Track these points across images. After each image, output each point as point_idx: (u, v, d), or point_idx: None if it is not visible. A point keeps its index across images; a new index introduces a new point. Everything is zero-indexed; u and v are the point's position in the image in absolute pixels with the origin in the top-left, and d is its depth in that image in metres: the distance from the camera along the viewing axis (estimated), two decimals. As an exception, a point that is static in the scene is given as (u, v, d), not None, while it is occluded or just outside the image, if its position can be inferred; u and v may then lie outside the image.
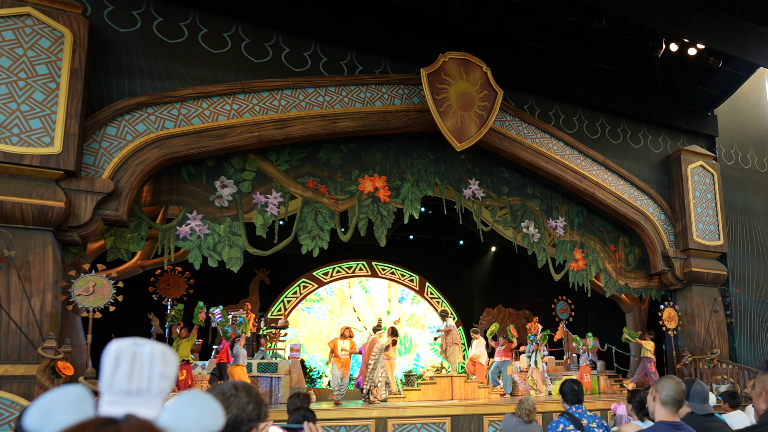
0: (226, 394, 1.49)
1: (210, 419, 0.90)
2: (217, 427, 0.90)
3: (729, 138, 13.45)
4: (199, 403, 0.90)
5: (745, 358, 12.08)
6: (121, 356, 0.88)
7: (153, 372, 0.88)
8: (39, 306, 6.88)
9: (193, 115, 8.15)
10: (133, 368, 0.87)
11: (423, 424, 8.31)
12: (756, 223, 13.23)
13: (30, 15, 7.04)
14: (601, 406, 9.29)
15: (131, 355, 0.88)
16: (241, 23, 8.82)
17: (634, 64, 11.83)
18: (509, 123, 10.60)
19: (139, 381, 0.87)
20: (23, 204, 6.79)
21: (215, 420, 0.90)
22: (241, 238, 8.74)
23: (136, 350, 0.88)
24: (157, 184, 8.53)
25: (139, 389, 0.87)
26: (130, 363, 0.87)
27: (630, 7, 9.31)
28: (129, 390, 0.86)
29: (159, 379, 0.88)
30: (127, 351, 0.88)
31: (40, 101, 6.96)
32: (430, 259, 15.54)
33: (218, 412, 0.91)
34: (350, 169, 9.73)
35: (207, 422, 0.89)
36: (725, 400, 5.13)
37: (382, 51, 9.75)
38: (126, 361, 0.87)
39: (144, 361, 0.88)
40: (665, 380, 2.58)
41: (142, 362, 0.88)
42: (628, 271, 12.24)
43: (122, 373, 0.87)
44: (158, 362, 0.89)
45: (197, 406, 0.89)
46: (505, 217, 11.03)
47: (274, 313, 13.30)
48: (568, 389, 3.65)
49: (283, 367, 9.49)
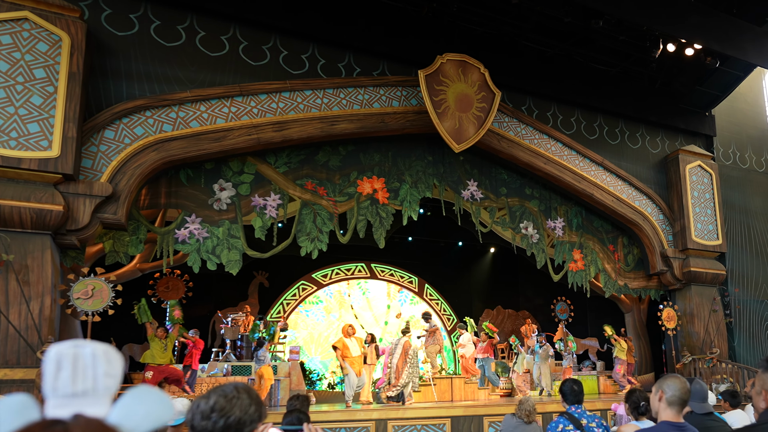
0: (229, 396, 1.49)
1: (160, 412, 0.90)
2: (168, 419, 0.91)
3: (727, 138, 13.47)
4: (149, 397, 0.90)
5: (744, 358, 12.08)
6: (62, 359, 0.88)
7: (97, 371, 0.89)
8: (38, 310, 6.87)
9: (191, 118, 8.15)
10: (76, 370, 0.88)
11: (423, 425, 8.30)
12: (754, 223, 13.25)
13: (28, 19, 7.04)
14: (601, 406, 9.29)
15: (72, 357, 0.88)
16: (239, 26, 8.82)
17: (632, 65, 11.85)
18: (507, 124, 10.61)
19: (84, 382, 0.88)
20: (21, 208, 6.78)
21: (165, 412, 0.91)
22: (240, 241, 8.73)
23: (77, 352, 0.89)
24: (155, 188, 8.52)
25: (85, 390, 0.87)
26: (72, 365, 0.88)
27: (627, 8, 9.32)
28: (74, 391, 0.87)
29: (104, 378, 0.89)
30: (67, 353, 0.89)
31: (38, 105, 6.96)
32: (429, 261, 15.53)
33: (168, 405, 0.92)
34: (349, 170, 9.73)
35: (157, 415, 0.90)
36: (725, 399, 5.14)
37: (380, 53, 9.76)
38: (68, 363, 0.88)
39: (87, 362, 0.89)
40: (671, 380, 2.55)
41: (85, 363, 0.89)
42: (627, 272, 12.25)
43: (65, 375, 0.87)
44: (101, 361, 0.90)
45: (146, 400, 0.90)
46: (503, 218, 11.03)
47: (273, 316, 13.29)
48: (569, 389, 3.65)
49: (283, 369, 9.49)
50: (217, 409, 1.46)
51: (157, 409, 0.90)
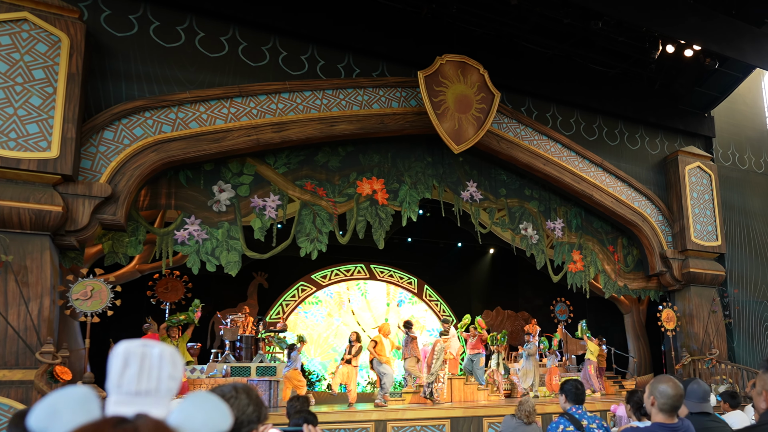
0: (226, 396, 1.49)
1: (219, 420, 0.91)
2: (226, 428, 0.91)
3: (726, 139, 13.49)
4: (208, 404, 0.91)
5: (743, 359, 12.08)
6: (130, 357, 0.89)
7: (162, 373, 0.90)
8: (37, 311, 6.86)
9: (191, 119, 8.15)
10: (143, 369, 0.89)
11: (422, 426, 8.29)
12: (753, 224, 13.26)
13: (27, 20, 7.03)
14: (601, 407, 9.29)
15: (140, 356, 0.89)
16: (238, 27, 8.82)
17: (631, 66, 11.86)
18: (507, 125, 10.61)
19: (149, 381, 0.89)
20: (20, 209, 6.77)
21: (223, 421, 0.92)
22: (239, 242, 8.72)
23: (145, 351, 0.90)
24: (155, 189, 8.51)
25: (149, 390, 0.88)
26: (140, 364, 0.89)
27: (626, 9, 9.33)
28: (138, 390, 0.88)
29: (168, 380, 0.90)
30: (136, 352, 0.90)
31: (37, 106, 6.95)
32: (429, 262, 15.52)
33: (226, 413, 0.93)
34: (348, 171, 9.73)
35: (215, 423, 0.90)
36: (725, 400, 5.14)
37: (380, 54, 9.76)
38: (135, 361, 0.89)
39: (153, 362, 0.90)
40: (663, 385, 2.53)
41: (152, 363, 0.90)
42: (626, 272, 12.25)
43: (131, 373, 0.88)
44: (167, 363, 0.91)
45: (206, 407, 0.91)
46: (503, 219, 11.03)
47: (272, 317, 13.27)
48: (571, 389, 3.63)
49: (282, 370, 9.46)
50: None
51: (215, 417, 0.91)
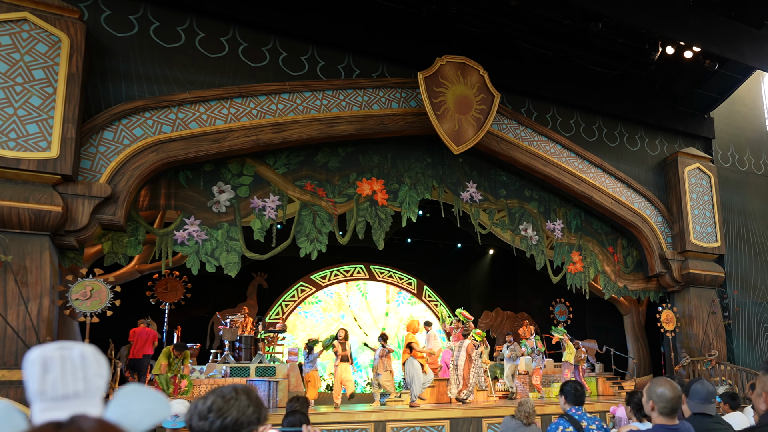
0: (227, 397, 1.49)
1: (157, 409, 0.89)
2: (166, 415, 0.90)
3: (725, 140, 13.50)
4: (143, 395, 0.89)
5: (743, 360, 12.09)
6: (48, 361, 0.86)
7: (88, 372, 0.87)
8: (36, 311, 6.85)
9: (191, 119, 8.15)
10: (65, 371, 0.86)
11: (422, 427, 8.29)
12: (753, 225, 13.27)
13: (27, 20, 7.03)
14: (600, 408, 9.29)
15: (60, 359, 0.86)
16: (239, 27, 8.82)
17: (631, 67, 11.87)
18: (506, 126, 10.62)
19: (74, 383, 0.86)
20: (20, 209, 6.77)
21: (162, 409, 0.90)
22: (239, 243, 8.72)
23: (64, 354, 0.87)
24: (154, 189, 8.51)
25: (77, 391, 0.85)
26: (61, 366, 0.86)
27: (626, 11, 9.34)
28: (65, 394, 0.85)
29: (95, 378, 0.88)
30: (54, 355, 0.87)
31: (37, 106, 6.95)
32: (428, 262, 15.53)
33: (163, 401, 0.91)
34: (348, 172, 9.73)
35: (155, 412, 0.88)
36: (725, 401, 5.13)
37: (380, 55, 9.76)
38: (56, 365, 0.86)
39: (76, 363, 0.87)
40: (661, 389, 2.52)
41: (74, 364, 0.87)
42: (626, 273, 12.25)
43: (53, 377, 0.85)
44: (91, 362, 0.88)
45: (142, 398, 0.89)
46: (503, 220, 11.03)
47: (272, 317, 13.27)
48: (571, 390, 3.63)
49: (281, 370, 9.47)
50: (214, 410, 1.47)
51: (154, 406, 0.89)
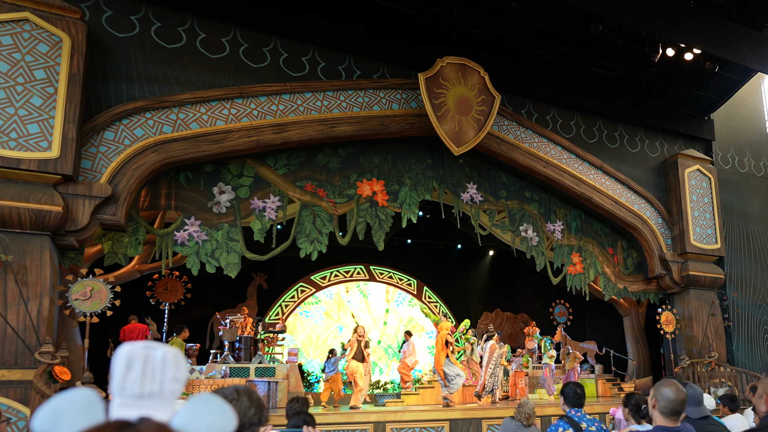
0: (228, 398, 1.49)
1: (223, 422, 0.90)
2: (230, 430, 0.90)
3: (726, 142, 13.50)
4: (212, 406, 0.90)
5: (742, 362, 12.09)
6: (133, 359, 0.88)
7: (165, 375, 0.89)
8: (36, 311, 6.85)
9: (191, 120, 8.15)
10: (146, 371, 0.88)
11: (421, 428, 8.29)
12: (753, 227, 13.27)
13: (28, 20, 7.04)
14: (600, 410, 9.29)
15: (143, 358, 0.88)
16: (240, 28, 8.83)
17: (631, 69, 11.88)
18: (507, 127, 10.63)
19: (152, 384, 0.87)
20: (20, 208, 6.77)
21: (228, 422, 0.90)
22: (239, 244, 8.72)
23: (148, 353, 0.89)
24: (155, 189, 8.52)
25: (152, 392, 0.87)
26: (143, 366, 0.88)
27: (626, 12, 9.35)
28: (141, 393, 0.87)
29: (171, 383, 0.89)
30: (139, 354, 0.88)
31: (38, 106, 6.96)
32: (428, 263, 15.53)
33: (231, 415, 0.91)
34: (348, 172, 9.73)
35: (220, 425, 0.89)
36: (724, 403, 5.14)
37: (380, 56, 9.77)
38: (138, 364, 0.88)
39: (156, 365, 0.89)
40: (666, 389, 2.53)
41: (155, 365, 0.88)
42: (626, 275, 12.26)
43: (134, 376, 0.87)
44: (171, 365, 0.89)
45: (210, 409, 0.89)
46: (503, 221, 11.04)
47: (271, 318, 13.27)
48: (571, 392, 3.64)
49: (281, 371, 9.46)
50: None
51: (220, 419, 0.90)
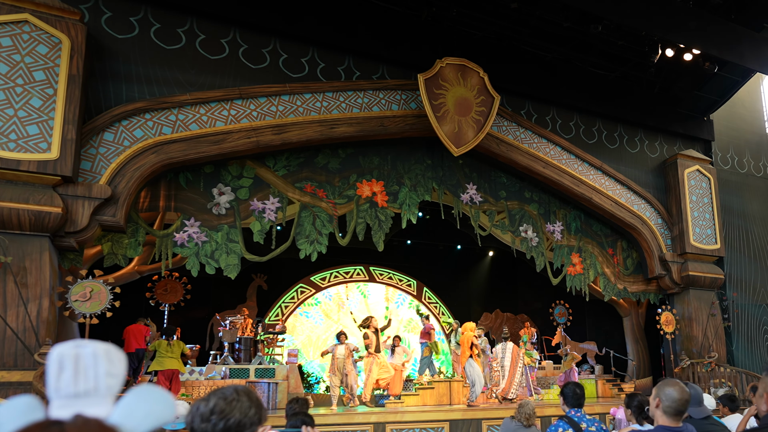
0: (228, 399, 1.50)
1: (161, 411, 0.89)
2: (170, 418, 0.90)
3: (725, 142, 13.51)
4: (149, 396, 0.89)
5: (742, 362, 12.09)
6: (63, 359, 0.87)
7: (98, 371, 0.88)
8: (35, 312, 6.85)
9: (191, 121, 8.15)
10: (78, 370, 0.87)
11: (421, 429, 8.29)
12: (752, 227, 13.28)
13: (28, 21, 7.04)
14: (600, 410, 9.28)
15: (74, 357, 0.87)
16: (239, 29, 8.84)
17: (631, 70, 11.89)
18: (506, 128, 10.63)
19: (86, 382, 0.87)
20: (20, 210, 6.77)
21: (167, 411, 0.90)
22: (239, 245, 8.72)
23: (78, 352, 0.88)
24: (154, 190, 8.52)
25: (87, 390, 0.86)
26: (74, 365, 0.87)
27: (626, 13, 9.35)
28: (76, 392, 0.86)
29: (106, 378, 0.88)
30: (68, 354, 0.88)
31: (37, 107, 6.96)
32: (428, 264, 15.53)
33: (170, 404, 0.90)
34: (348, 173, 9.73)
35: (158, 415, 0.88)
36: (724, 403, 5.14)
37: (380, 57, 9.78)
38: (69, 363, 0.87)
39: (88, 362, 0.88)
40: (669, 388, 2.52)
41: (86, 363, 0.88)
42: (626, 275, 12.26)
43: (67, 376, 0.87)
44: (103, 361, 0.89)
45: (147, 399, 0.88)
46: (503, 222, 11.04)
47: (271, 319, 13.26)
48: (570, 392, 3.63)
49: (281, 372, 9.46)
50: (216, 412, 1.47)
51: (158, 408, 0.89)
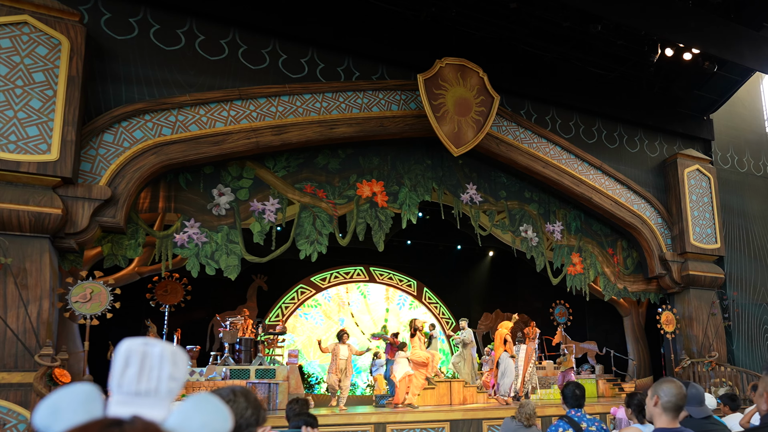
0: (225, 400, 1.49)
1: (218, 423, 0.88)
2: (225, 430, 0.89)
3: (725, 142, 13.51)
4: (207, 406, 0.89)
5: (743, 361, 12.09)
6: (131, 356, 0.87)
7: (162, 373, 0.88)
8: (36, 313, 6.85)
9: (191, 122, 8.16)
10: (143, 368, 0.87)
11: (422, 429, 8.29)
12: (752, 227, 13.27)
13: (27, 23, 7.04)
14: (600, 409, 9.28)
15: (141, 355, 0.87)
16: (238, 30, 8.84)
17: (630, 69, 11.89)
18: (506, 128, 10.63)
19: (148, 382, 0.86)
20: (20, 211, 6.77)
21: (223, 424, 0.89)
22: (239, 246, 8.72)
23: (146, 350, 0.88)
24: (154, 191, 8.52)
25: (148, 390, 0.86)
26: (140, 363, 0.87)
27: (625, 13, 9.35)
28: (138, 390, 0.86)
29: (168, 381, 0.88)
30: (137, 350, 0.87)
31: (37, 108, 6.96)
32: (428, 264, 15.52)
33: (226, 416, 0.90)
34: (348, 173, 9.74)
35: (214, 426, 0.88)
36: (725, 402, 5.14)
37: (379, 57, 9.78)
38: (136, 360, 0.87)
39: (154, 362, 0.87)
40: (666, 385, 2.53)
41: (152, 363, 0.87)
42: (626, 275, 12.26)
43: (132, 373, 0.86)
44: (168, 363, 0.88)
45: (205, 409, 0.88)
46: (503, 222, 11.04)
47: (271, 319, 13.27)
48: (570, 393, 3.64)
49: (281, 373, 9.46)
50: None
51: (215, 419, 0.88)
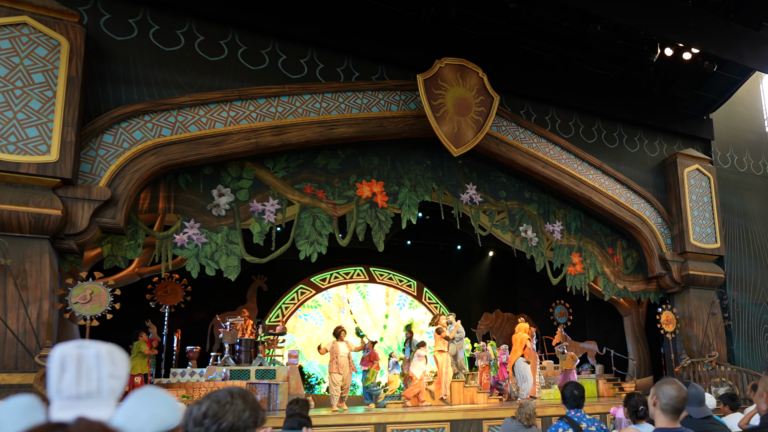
0: (222, 402, 1.48)
1: (165, 416, 0.87)
2: (175, 423, 0.88)
3: (725, 141, 13.51)
4: (153, 400, 0.87)
5: (743, 361, 12.08)
6: (66, 360, 0.86)
7: (101, 373, 0.86)
8: (36, 314, 6.86)
9: (190, 123, 8.16)
10: (80, 371, 0.85)
11: (422, 429, 8.29)
12: (752, 226, 13.27)
13: (26, 24, 7.04)
14: (600, 409, 9.28)
15: (77, 358, 0.86)
16: (238, 31, 8.84)
17: (630, 69, 11.88)
18: (506, 128, 10.63)
19: (88, 383, 0.85)
20: (20, 212, 6.78)
21: (171, 416, 0.88)
22: (239, 247, 8.73)
23: (81, 353, 0.86)
24: (154, 192, 8.52)
25: (89, 391, 0.85)
26: (77, 366, 0.85)
27: (625, 13, 9.35)
28: (78, 393, 0.85)
29: (109, 379, 0.87)
30: (71, 354, 0.86)
31: (36, 109, 6.96)
32: (428, 265, 15.52)
33: (174, 408, 0.89)
34: (348, 174, 9.73)
35: (162, 419, 0.87)
36: (725, 402, 5.14)
37: (379, 57, 9.78)
38: (72, 364, 0.85)
39: (91, 363, 0.86)
40: (667, 386, 2.53)
41: (89, 364, 0.86)
42: (626, 275, 12.25)
43: (69, 377, 0.85)
44: (106, 362, 0.87)
45: (151, 403, 0.87)
46: (503, 222, 11.04)
47: (271, 320, 13.27)
48: (569, 393, 3.64)
49: (281, 373, 9.45)
50: (209, 415, 1.45)
51: (163, 411, 0.88)
